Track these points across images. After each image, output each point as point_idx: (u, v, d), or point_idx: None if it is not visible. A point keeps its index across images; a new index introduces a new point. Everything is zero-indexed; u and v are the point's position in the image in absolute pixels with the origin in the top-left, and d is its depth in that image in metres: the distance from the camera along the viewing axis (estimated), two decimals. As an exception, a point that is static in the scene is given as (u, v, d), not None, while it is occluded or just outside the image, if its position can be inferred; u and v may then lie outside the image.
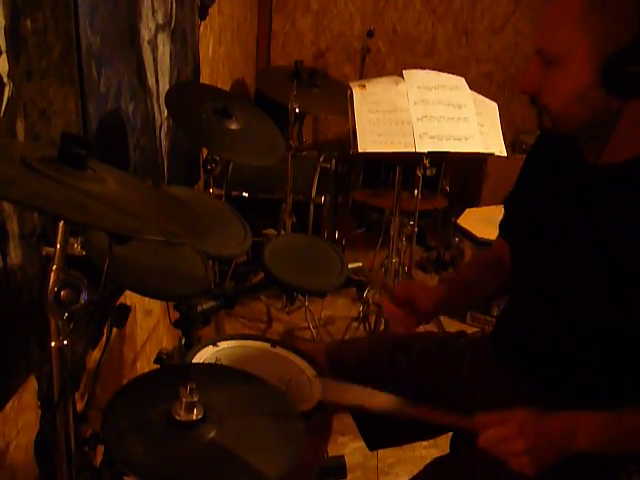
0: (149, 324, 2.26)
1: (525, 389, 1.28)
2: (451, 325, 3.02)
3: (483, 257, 1.62)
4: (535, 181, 1.35)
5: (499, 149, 2.28)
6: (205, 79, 2.75)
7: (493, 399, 1.31)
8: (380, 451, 1.62)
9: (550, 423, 1.14)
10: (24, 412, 1.42)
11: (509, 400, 1.20)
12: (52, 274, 0.89)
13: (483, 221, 3.05)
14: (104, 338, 1.37)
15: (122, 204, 0.91)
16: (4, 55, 1.20)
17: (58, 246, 0.88)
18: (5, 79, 1.21)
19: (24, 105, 1.29)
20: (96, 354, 1.45)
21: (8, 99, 1.22)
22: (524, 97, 1.21)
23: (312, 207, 2.97)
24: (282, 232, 2.80)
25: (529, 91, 1.17)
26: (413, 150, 2.17)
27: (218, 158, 2.20)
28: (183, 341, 1.67)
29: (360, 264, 3.13)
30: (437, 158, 3.00)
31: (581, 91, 1.11)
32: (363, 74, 3.68)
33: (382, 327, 2.62)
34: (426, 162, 2.31)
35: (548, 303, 1.26)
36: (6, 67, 1.21)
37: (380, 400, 1.26)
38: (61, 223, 0.88)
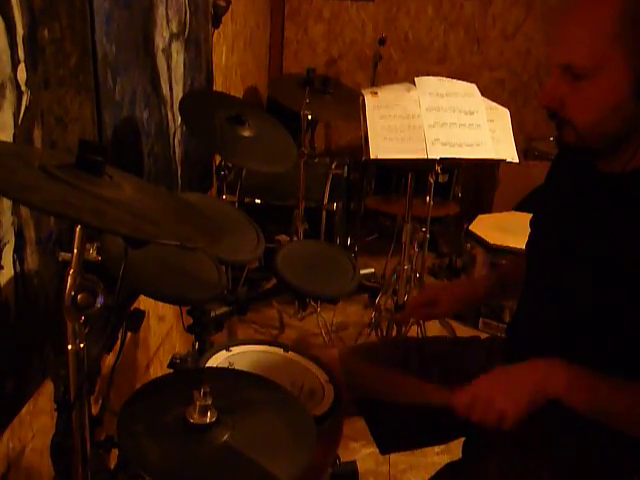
0: (162, 329, 2.27)
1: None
2: (463, 331, 3.02)
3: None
4: (552, 190, 1.35)
5: (511, 155, 2.28)
6: (218, 87, 2.77)
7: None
8: (392, 457, 1.62)
9: (516, 368, 1.18)
10: (39, 416, 1.43)
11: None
12: (69, 278, 0.90)
13: (495, 227, 3.04)
14: (118, 343, 1.39)
15: (138, 209, 0.92)
16: (22, 64, 1.23)
17: (75, 251, 0.90)
18: (23, 87, 1.23)
19: (41, 113, 1.31)
20: (110, 359, 1.47)
21: (26, 107, 1.25)
22: (536, 103, 1.19)
23: (324, 213, 2.99)
24: (294, 238, 2.81)
25: (551, 106, 1.15)
26: (425, 157, 2.17)
27: (231, 165, 2.23)
28: (196, 346, 1.68)
29: (372, 270, 3.13)
30: (449, 165, 3.00)
31: (617, 104, 1.09)
32: (375, 81, 3.69)
33: (394, 333, 2.62)
34: (438, 169, 2.31)
35: (561, 307, 1.26)
36: (24, 75, 1.23)
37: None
38: (78, 228, 0.89)
